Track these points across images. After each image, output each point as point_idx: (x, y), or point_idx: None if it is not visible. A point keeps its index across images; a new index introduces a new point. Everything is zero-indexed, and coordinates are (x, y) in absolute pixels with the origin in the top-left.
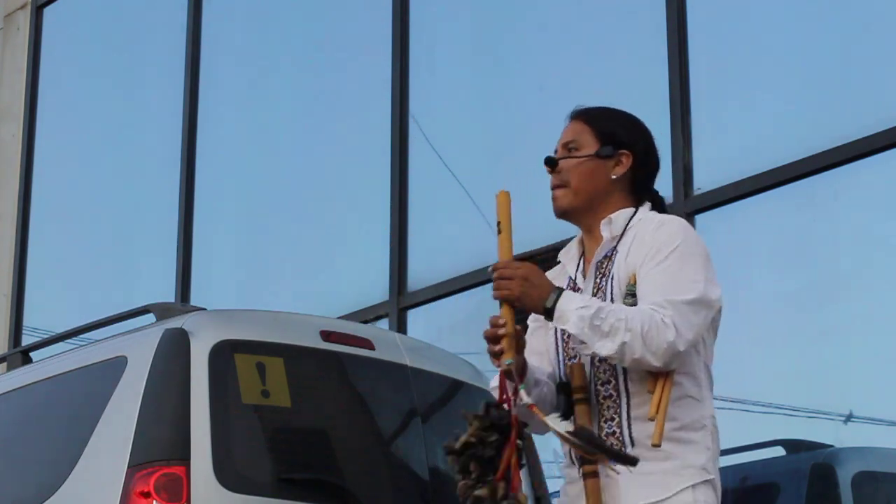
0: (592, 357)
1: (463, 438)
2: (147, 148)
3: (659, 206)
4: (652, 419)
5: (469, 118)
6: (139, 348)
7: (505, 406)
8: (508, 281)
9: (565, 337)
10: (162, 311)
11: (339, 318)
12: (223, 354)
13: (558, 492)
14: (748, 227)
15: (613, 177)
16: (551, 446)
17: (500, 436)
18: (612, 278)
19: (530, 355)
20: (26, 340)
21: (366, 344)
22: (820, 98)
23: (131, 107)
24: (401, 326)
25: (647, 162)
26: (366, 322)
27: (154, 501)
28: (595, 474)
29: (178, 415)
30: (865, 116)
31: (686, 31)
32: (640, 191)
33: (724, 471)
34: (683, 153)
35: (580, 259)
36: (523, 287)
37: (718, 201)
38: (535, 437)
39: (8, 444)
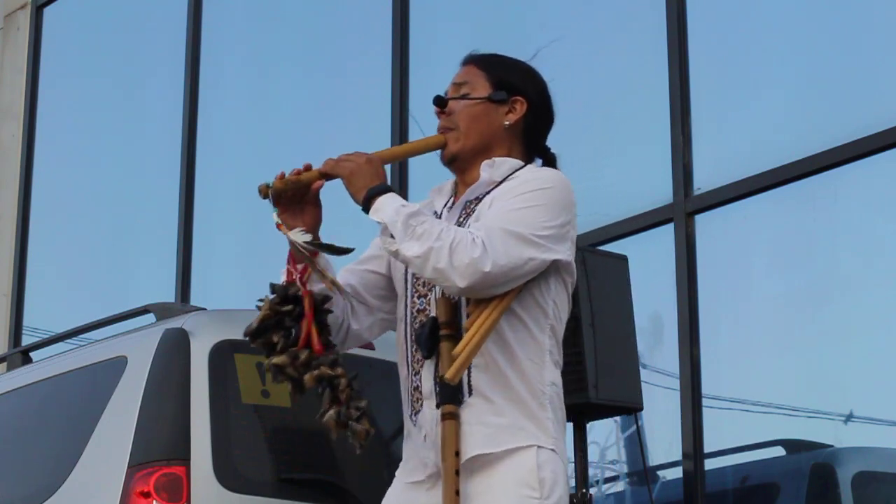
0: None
1: (258, 316)
2: (147, 148)
3: (552, 165)
4: (456, 356)
5: None
6: (139, 348)
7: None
8: (350, 162)
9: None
10: (162, 311)
11: None
12: (223, 354)
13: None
14: (748, 227)
15: (506, 123)
16: None
17: (295, 305)
18: (476, 219)
19: (349, 273)
20: (26, 340)
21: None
22: (820, 98)
23: (131, 107)
24: None
25: (541, 113)
26: None
27: (154, 501)
28: (453, 416)
29: (178, 415)
30: (865, 116)
31: (686, 31)
32: (532, 145)
33: (724, 471)
34: (683, 153)
35: (450, 199)
36: (360, 168)
37: (718, 201)
38: None
39: (8, 444)
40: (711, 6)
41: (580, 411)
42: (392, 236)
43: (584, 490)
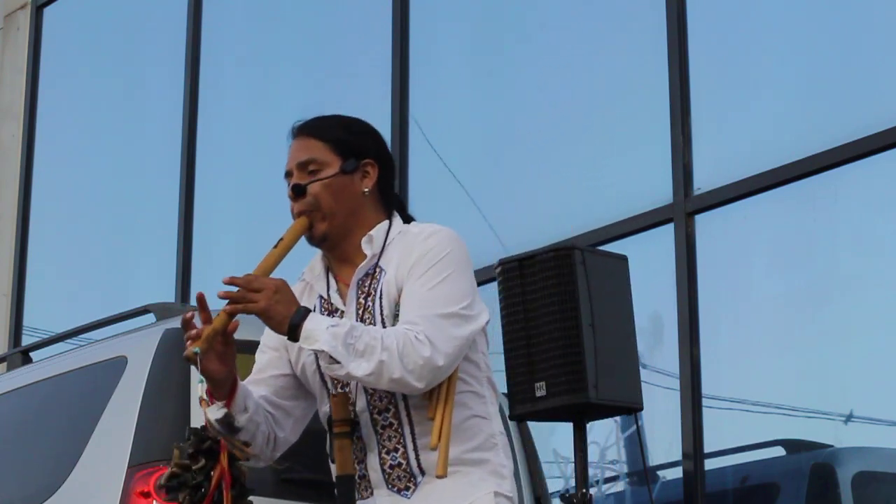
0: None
1: (166, 473)
2: (147, 148)
3: (404, 211)
4: (435, 448)
5: (469, 118)
6: (139, 348)
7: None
8: (256, 293)
9: (322, 363)
10: (162, 311)
11: None
12: None
13: (558, 492)
14: (748, 227)
15: (365, 190)
16: (551, 446)
17: (208, 460)
18: (379, 297)
19: (257, 384)
20: (26, 340)
21: None
22: (820, 98)
23: (131, 107)
24: None
25: (388, 166)
26: None
27: (154, 501)
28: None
29: (178, 415)
30: (865, 116)
31: (686, 31)
32: (387, 198)
33: (724, 471)
34: (683, 153)
35: (327, 277)
36: (271, 300)
37: (718, 201)
38: (535, 436)
39: (8, 444)
40: (711, 6)
41: (580, 411)
42: (334, 360)
43: (584, 490)
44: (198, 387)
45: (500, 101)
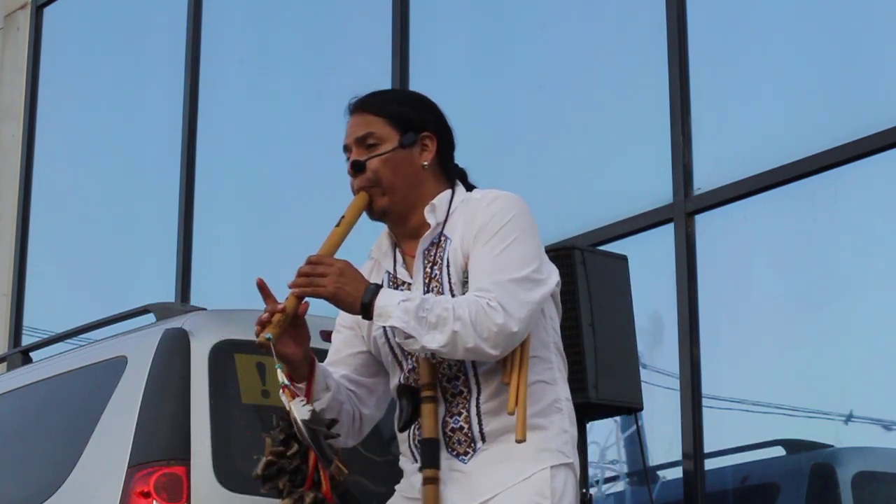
0: (434, 355)
1: (262, 461)
2: (147, 148)
3: (466, 181)
4: (512, 413)
5: (469, 118)
6: (139, 348)
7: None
8: (322, 277)
9: (396, 339)
10: (162, 311)
11: None
12: (223, 354)
13: None
14: (748, 227)
15: (424, 163)
16: None
17: (300, 444)
18: (446, 265)
19: (335, 365)
20: (26, 340)
21: None
22: (820, 98)
23: (131, 107)
24: None
25: (447, 138)
26: None
27: (154, 501)
28: (434, 480)
29: (178, 415)
30: (865, 116)
31: (686, 31)
32: (447, 170)
33: (723, 471)
34: (683, 153)
35: (394, 252)
36: (338, 283)
37: (718, 201)
38: None
39: (8, 443)
40: (711, 6)
41: (580, 411)
42: (408, 335)
43: (584, 490)
44: (277, 372)
45: (500, 101)
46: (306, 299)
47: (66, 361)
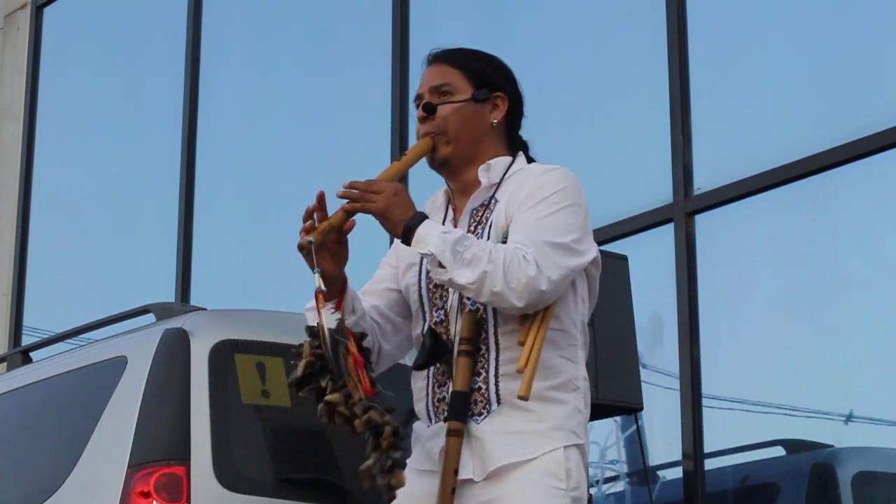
0: (462, 308)
1: (301, 364)
2: (147, 148)
3: (527, 153)
4: (521, 371)
5: None
6: (139, 348)
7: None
8: (376, 194)
9: (430, 286)
10: (162, 311)
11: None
12: (223, 354)
13: None
14: (748, 227)
15: (493, 122)
16: None
17: (337, 346)
18: (489, 226)
19: (370, 295)
20: (26, 340)
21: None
22: (820, 98)
23: (131, 107)
24: None
25: (518, 105)
26: None
27: (154, 501)
28: (458, 433)
29: (178, 415)
30: (865, 116)
31: (686, 31)
32: (512, 137)
33: (723, 471)
34: (683, 153)
35: (447, 208)
36: (390, 202)
37: (718, 201)
38: None
39: (8, 444)
40: (711, 6)
41: None
42: (441, 265)
43: None
44: (315, 277)
45: None
46: (354, 217)
47: (66, 361)
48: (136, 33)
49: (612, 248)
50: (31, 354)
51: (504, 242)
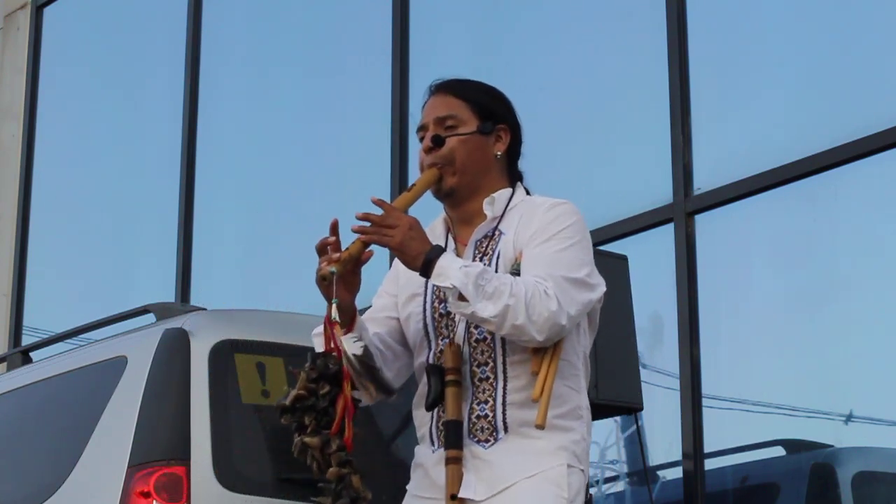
0: (469, 337)
1: (293, 393)
2: (147, 148)
3: (523, 185)
4: (536, 401)
5: None
6: (139, 348)
7: (334, 353)
8: (391, 228)
9: (436, 315)
10: (162, 311)
11: None
12: (223, 354)
13: None
14: (748, 227)
15: (497, 153)
16: None
17: (332, 386)
18: (496, 257)
19: (372, 322)
20: (26, 340)
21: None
22: (820, 98)
23: (131, 107)
24: None
25: (519, 137)
26: None
27: (154, 501)
28: (457, 460)
29: (178, 415)
30: (865, 116)
31: (686, 31)
32: (512, 168)
33: (723, 471)
34: (683, 153)
35: (447, 239)
36: (406, 235)
37: (718, 201)
38: None
39: (8, 444)
40: (711, 6)
41: None
42: (463, 298)
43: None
44: (332, 307)
45: None
46: (371, 247)
47: (66, 361)
48: (136, 33)
49: (612, 248)
50: (31, 354)
51: (513, 272)
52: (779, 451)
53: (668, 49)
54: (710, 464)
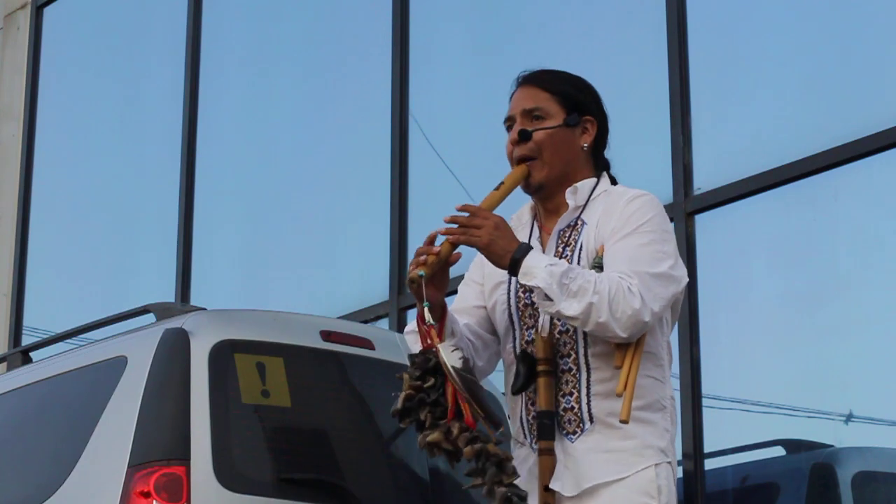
0: (552, 328)
1: (401, 395)
2: (147, 148)
3: (609, 173)
4: (620, 395)
5: (469, 118)
6: (139, 348)
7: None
8: (478, 228)
9: (520, 305)
10: (162, 311)
11: (339, 317)
12: (223, 354)
13: None
14: (748, 227)
15: (584, 146)
16: None
17: (436, 377)
18: (579, 248)
19: (460, 313)
20: (26, 340)
21: (366, 344)
22: (820, 98)
23: (131, 107)
24: (401, 326)
25: (605, 127)
26: (366, 322)
27: (154, 501)
28: (549, 451)
29: (178, 415)
30: (865, 116)
31: (686, 31)
32: (598, 158)
33: (723, 471)
34: (683, 153)
35: (532, 226)
36: (493, 235)
37: (718, 201)
38: None
39: (8, 444)
40: (711, 6)
41: None
42: (548, 297)
43: None
44: (423, 309)
45: (501, 100)
46: (459, 248)
47: (66, 361)
48: (136, 33)
49: None
50: (31, 354)
51: (594, 265)
52: (779, 451)
53: (668, 49)
54: (709, 464)
